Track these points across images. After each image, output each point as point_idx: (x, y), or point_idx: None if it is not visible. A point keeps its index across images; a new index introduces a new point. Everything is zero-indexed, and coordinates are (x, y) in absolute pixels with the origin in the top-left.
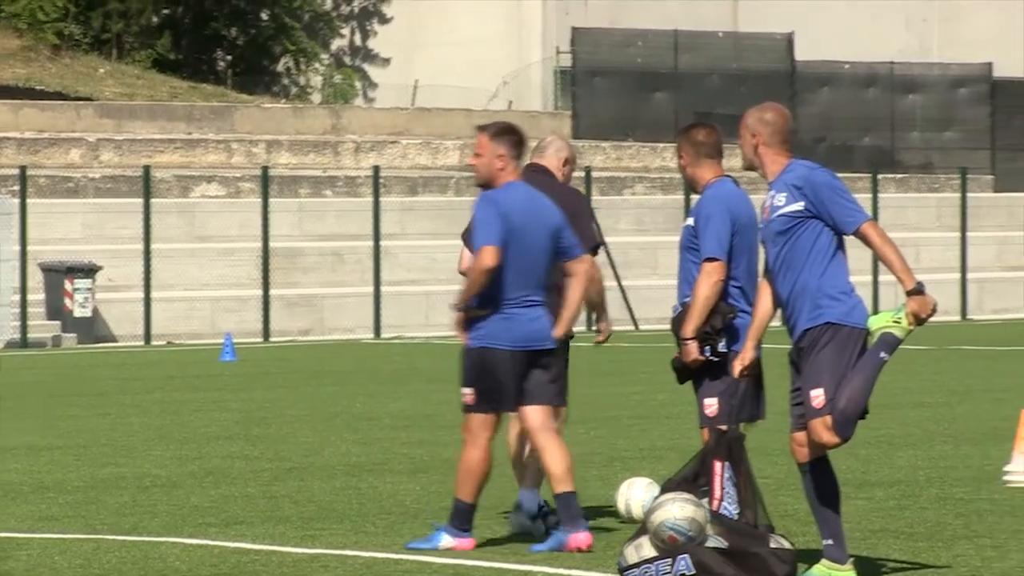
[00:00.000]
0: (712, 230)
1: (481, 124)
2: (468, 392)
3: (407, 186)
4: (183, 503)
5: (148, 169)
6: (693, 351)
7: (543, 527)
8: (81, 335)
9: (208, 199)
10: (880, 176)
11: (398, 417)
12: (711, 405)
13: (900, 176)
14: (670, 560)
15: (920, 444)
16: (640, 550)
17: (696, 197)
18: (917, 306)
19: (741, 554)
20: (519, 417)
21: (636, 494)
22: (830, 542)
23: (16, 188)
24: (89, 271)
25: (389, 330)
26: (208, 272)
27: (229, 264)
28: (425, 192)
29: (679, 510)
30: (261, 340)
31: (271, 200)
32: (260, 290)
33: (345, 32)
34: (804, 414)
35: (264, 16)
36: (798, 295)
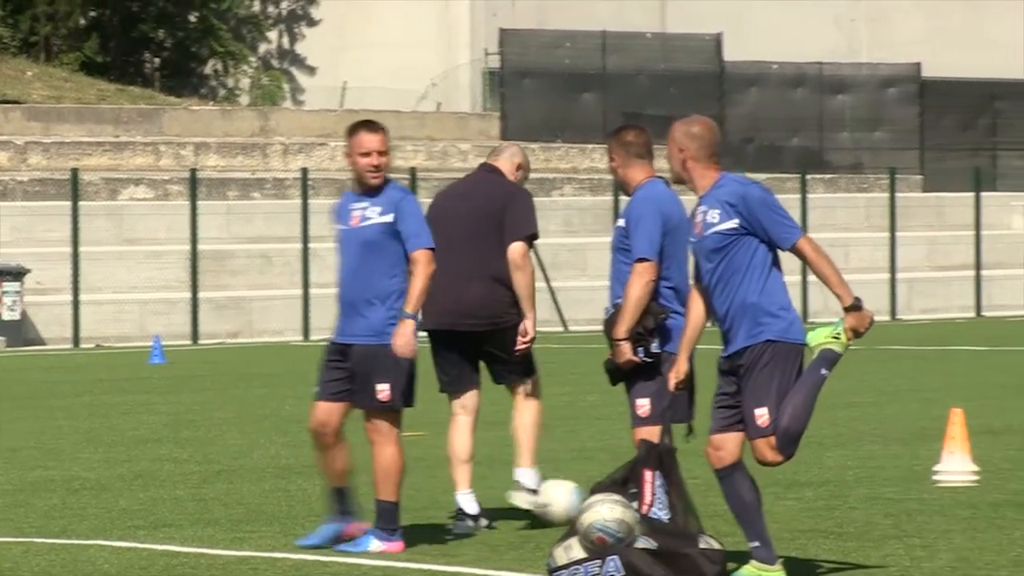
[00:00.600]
0: (643, 231)
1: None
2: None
3: (336, 188)
4: (112, 506)
5: (76, 172)
6: (626, 352)
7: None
8: (10, 338)
9: (136, 202)
10: (809, 176)
11: None
12: (643, 406)
13: (829, 176)
14: (599, 561)
15: (849, 444)
16: (569, 551)
17: (627, 199)
18: (856, 321)
19: (671, 555)
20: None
21: (557, 494)
22: (756, 544)
23: None
24: (18, 274)
25: (318, 332)
26: (137, 275)
27: (158, 267)
28: None
29: (608, 511)
30: (190, 343)
31: (199, 202)
32: (189, 293)
33: (273, 35)
34: (732, 424)
35: (192, 18)
36: (736, 312)
